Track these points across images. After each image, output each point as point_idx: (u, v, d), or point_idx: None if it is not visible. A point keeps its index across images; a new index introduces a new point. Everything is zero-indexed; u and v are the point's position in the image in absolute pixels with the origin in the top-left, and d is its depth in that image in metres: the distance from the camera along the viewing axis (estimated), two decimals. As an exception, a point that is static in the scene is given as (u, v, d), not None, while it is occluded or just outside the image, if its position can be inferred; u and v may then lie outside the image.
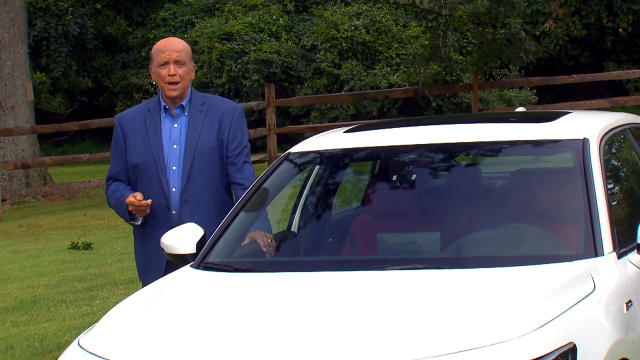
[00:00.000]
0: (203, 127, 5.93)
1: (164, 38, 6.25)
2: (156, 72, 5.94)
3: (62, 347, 8.37)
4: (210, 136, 5.92)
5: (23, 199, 19.13)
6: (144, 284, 6.08)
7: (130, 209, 5.87)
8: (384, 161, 5.84)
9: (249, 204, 5.52)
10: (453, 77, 24.46)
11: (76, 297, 10.39)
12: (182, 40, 6.09)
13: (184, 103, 5.97)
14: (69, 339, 8.60)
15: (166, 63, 5.89)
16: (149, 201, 5.85)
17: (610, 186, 5.06)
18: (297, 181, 5.95)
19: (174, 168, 5.93)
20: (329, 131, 6.15)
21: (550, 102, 25.39)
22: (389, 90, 23.06)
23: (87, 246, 13.56)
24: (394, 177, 5.75)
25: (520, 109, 6.41)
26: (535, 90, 26.76)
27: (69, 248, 13.59)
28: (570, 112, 5.83)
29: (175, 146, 5.94)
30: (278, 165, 5.68)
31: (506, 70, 26.76)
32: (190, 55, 6.00)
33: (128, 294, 10.18)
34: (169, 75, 5.88)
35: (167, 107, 5.98)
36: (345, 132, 5.88)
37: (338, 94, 24.43)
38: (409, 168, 5.67)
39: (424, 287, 4.55)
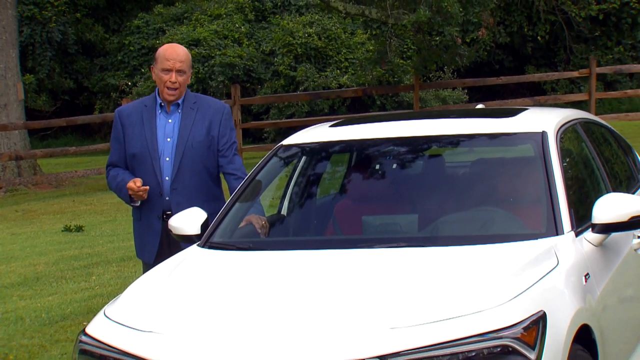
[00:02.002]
0: (194, 123, 5.89)
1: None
2: (158, 75, 5.88)
3: (66, 317, 8.31)
4: (200, 132, 5.89)
5: (16, 187, 18.94)
6: (143, 262, 6.08)
7: (130, 193, 5.84)
8: (365, 152, 5.79)
9: (246, 191, 5.50)
10: (395, 79, 24.52)
11: (74, 274, 10.30)
12: (186, 50, 6.01)
13: (178, 101, 5.93)
14: (72, 310, 8.55)
15: (169, 70, 5.85)
16: (147, 187, 5.83)
17: (566, 173, 5.09)
18: (288, 170, 5.92)
19: (167, 159, 5.89)
20: (315, 125, 6.10)
21: (479, 100, 25.51)
22: (340, 90, 23.10)
23: (79, 229, 13.43)
24: (376, 166, 5.72)
25: (479, 106, 6.40)
26: (466, 90, 26.92)
27: (62, 230, 13.47)
28: (528, 109, 5.83)
29: (168, 139, 5.90)
30: (271, 157, 5.66)
31: (441, 72, 26.88)
32: (190, 64, 5.97)
33: (121, 271, 10.18)
34: (170, 81, 5.84)
35: (162, 104, 5.93)
36: (331, 126, 5.85)
37: (295, 93, 24.40)
38: (388, 158, 5.64)
39: (407, 263, 4.53)
